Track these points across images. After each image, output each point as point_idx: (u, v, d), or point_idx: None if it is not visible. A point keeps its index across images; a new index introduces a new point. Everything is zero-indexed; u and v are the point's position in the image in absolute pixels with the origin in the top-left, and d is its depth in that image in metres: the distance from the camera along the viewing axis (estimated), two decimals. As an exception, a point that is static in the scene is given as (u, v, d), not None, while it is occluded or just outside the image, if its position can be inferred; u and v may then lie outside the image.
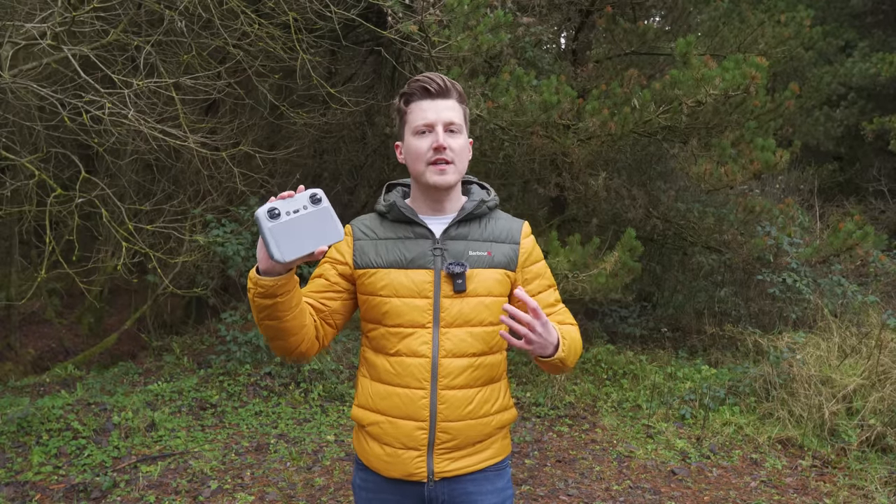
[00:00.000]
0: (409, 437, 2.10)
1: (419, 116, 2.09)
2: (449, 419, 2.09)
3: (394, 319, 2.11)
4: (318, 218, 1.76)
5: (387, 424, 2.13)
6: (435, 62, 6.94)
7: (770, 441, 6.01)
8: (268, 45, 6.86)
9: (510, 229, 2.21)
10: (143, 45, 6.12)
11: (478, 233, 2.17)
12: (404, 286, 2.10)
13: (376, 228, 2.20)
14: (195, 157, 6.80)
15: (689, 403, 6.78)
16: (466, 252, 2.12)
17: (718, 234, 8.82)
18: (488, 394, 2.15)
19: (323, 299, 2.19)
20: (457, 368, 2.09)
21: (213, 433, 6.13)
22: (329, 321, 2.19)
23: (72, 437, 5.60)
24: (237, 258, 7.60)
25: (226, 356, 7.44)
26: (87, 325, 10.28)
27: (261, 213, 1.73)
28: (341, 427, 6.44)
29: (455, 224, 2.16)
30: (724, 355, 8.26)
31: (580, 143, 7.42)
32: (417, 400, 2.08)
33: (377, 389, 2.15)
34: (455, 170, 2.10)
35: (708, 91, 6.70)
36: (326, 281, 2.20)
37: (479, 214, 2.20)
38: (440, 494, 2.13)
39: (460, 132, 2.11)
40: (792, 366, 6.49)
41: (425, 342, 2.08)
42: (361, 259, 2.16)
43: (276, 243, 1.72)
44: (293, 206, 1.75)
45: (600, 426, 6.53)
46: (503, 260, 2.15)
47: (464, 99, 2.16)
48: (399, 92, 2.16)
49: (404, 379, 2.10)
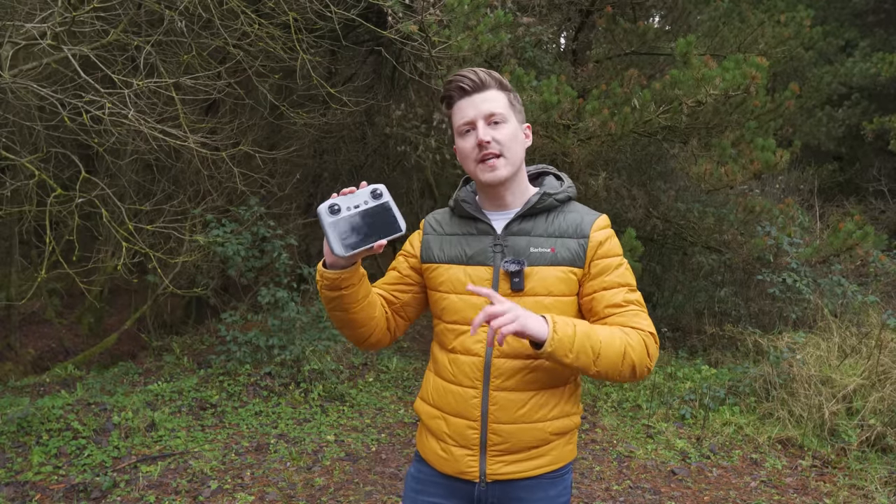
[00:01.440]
0: (462, 435, 2.06)
1: (460, 116, 2.04)
2: (500, 421, 2.02)
3: (451, 316, 2.09)
4: (378, 213, 1.78)
5: (442, 421, 2.11)
6: (435, 62, 6.95)
7: (770, 441, 6.01)
8: (268, 45, 6.87)
9: (580, 223, 2.07)
10: (143, 45, 6.12)
11: (542, 227, 2.06)
12: (462, 282, 2.06)
13: (444, 223, 2.19)
14: (195, 157, 6.81)
15: (689, 403, 6.78)
16: (528, 248, 2.03)
17: (718, 234, 8.83)
18: (545, 398, 2.04)
19: (395, 291, 2.20)
20: (510, 369, 2.01)
21: (213, 433, 6.13)
22: (401, 313, 2.21)
23: (72, 437, 5.60)
24: (237, 258, 7.60)
25: (226, 356, 7.44)
26: (87, 325, 10.29)
27: (322, 209, 1.77)
28: (341, 427, 6.44)
29: (518, 219, 2.08)
30: (724, 355, 8.27)
31: (580, 143, 7.43)
32: (469, 399, 2.05)
33: (437, 385, 2.15)
34: (506, 162, 2.01)
35: (708, 91, 6.71)
36: (399, 273, 2.22)
37: (547, 208, 2.09)
38: (490, 497, 2.08)
39: (506, 121, 2.02)
40: (792, 366, 6.49)
41: (479, 340, 2.03)
42: (426, 253, 2.17)
43: (337, 238, 1.76)
44: (354, 201, 1.78)
45: (600, 426, 6.54)
46: (568, 256, 2.02)
47: (506, 86, 2.07)
48: (440, 97, 2.12)
49: (458, 377, 2.07)
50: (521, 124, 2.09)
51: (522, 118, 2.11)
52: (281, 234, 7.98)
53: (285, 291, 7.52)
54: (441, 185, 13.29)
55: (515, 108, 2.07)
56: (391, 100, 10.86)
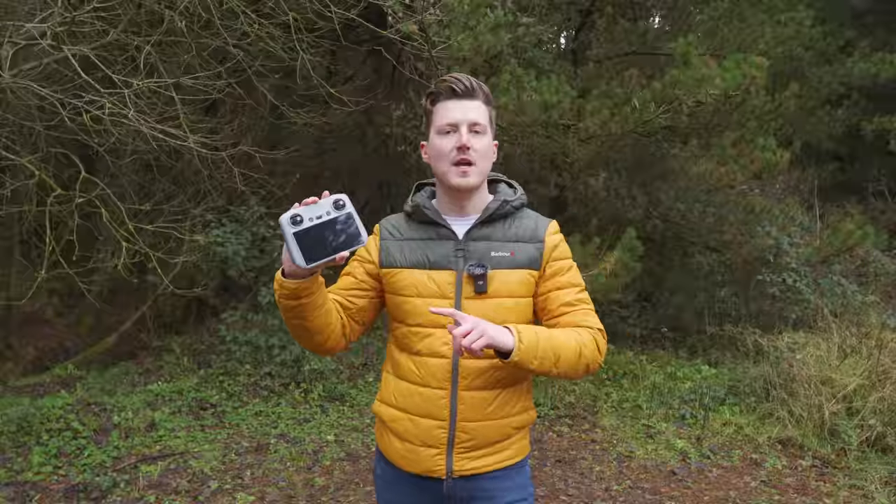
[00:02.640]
0: (429, 435, 2.12)
1: (444, 116, 2.10)
2: (468, 419, 2.10)
3: (415, 319, 2.13)
4: (340, 224, 1.78)
5: (407, 422, 2.15)
6: (435, 62, 6.95)
7: (770, 441, 6.02)
8: (268, 45, 6.87)
9: (535, 228, 2.18)
10: (143, 45, 6.12)
11: (501, 233, 2.16)
12: (426, 286, 2.11)
13: (402, 228, 2.23)
14: (195, 157, 6.81)
15: (689, 403, 6.79)
16: (489, 253, 2.11)
17: (718, 234, 8.83)
18: (509, 396, 2.15)
19: (350, 297, 2.21)
20: (476, 370, 2.09)
21: (213, 433, 6.14)
22: (356, 318, 2.22)
23: (72, 437, 5.61)
24: (237, 258, 7.61)
25: (226, 356, 7.45)
26: (86, 325, 10.28)
27: (284, 219, 1.76)
28: (341, 427, 6.45)
29: (478, 225, 2.16)
30: (723, 355, 8.27)
31: (580, 143, 7.43)
32: (437, 400, 2.10)
33: (400, 387, 2.18)
34: (477, 171, 2.10)
35: (708, 91, 6.71)
36: (354, 279, 2.23)
37: (504, 214, 2.19)
38: (459, 491, 2.15)
39: (485, 133, 2.11)
40: (792, 366, 6.50)
41: (446, 343, 2.09)
42: (387, 258, 2.19)
43: (299, 249, 1.75)
44: (316, 211, 1.78)
45: (600, 426, 6.54)
46: (526, 260, 2.13)
47: (490, 101, 2.16)
48: (426, 92, 2.17)
49: (425, 378, 2.12)
50: (493, 140, 2.18)
51: (495, 134, 2.21)
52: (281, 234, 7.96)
53: (285, 291, 7.49)
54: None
55: (492, 125, 2.17)
56: (391, 100, 10.85)
